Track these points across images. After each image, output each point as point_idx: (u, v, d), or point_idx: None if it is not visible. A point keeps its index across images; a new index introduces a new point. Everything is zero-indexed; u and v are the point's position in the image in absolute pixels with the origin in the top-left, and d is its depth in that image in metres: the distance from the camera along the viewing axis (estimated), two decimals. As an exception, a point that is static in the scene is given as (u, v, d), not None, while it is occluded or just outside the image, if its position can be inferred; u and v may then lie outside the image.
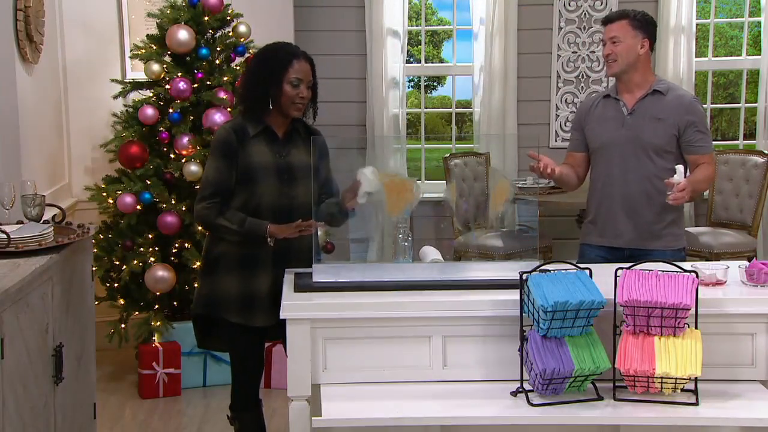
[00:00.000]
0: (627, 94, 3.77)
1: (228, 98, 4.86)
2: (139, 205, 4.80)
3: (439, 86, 10.32)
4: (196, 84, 4.89)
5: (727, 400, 2.72)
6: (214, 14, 4.97)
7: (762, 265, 2.98)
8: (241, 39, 5.04)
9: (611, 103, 3.81)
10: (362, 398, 2.77)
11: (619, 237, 3.75)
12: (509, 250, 5.57)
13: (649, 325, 2.72)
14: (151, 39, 4.99)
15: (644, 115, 3.72)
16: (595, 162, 3.85)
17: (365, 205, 3.36)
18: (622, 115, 3.75)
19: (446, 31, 7.81)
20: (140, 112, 4.86)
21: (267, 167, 3.35)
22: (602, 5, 6.36)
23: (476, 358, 2.87)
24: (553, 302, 2.65)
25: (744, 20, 6.61)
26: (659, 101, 3.73)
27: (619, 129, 3.74)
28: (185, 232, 4.83)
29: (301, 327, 2.83)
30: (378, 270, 3.16)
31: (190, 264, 4.77)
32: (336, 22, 6.47)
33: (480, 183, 5.99)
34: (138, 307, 4.93)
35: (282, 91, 3.35)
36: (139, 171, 4.85)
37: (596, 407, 2.70)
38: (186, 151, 4.79)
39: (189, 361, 4.81)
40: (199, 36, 4.95)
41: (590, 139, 3.85)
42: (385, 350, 2.87)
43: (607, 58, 3.73)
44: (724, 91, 9.12)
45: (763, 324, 2.83)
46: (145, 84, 5.02)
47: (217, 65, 4.99)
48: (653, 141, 3.70)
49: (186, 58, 4.95)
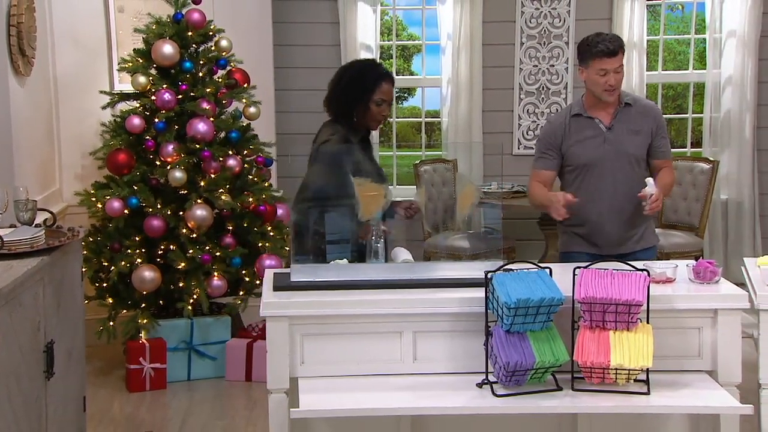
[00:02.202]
0: (600, 112, 3.71)
1: (210, 108, 4.84)
2: (127, 210, 4.77)
3: (410, 97, 10.33)
4: (180, 95, 4.86)
5: (677, 389, 2.74)
6: (197, 30, 4.95)
7: (707, 263, 3.01)
8: (222, 53, 5.03)
9: (585, 121, 3.72)
10: (337, 390, 2.76)
11: (609, 244, 3.70)
12: (475, 250, 5.58)
13: (604, 320, 2.73)
14: (138, 53, 4.96)
15: (622, 129, 3.68)
16: (578, 178, 3.75)
17: (342, 209, 3.37)
18: (601, 131, 3.69)
19: (416, 46, 7.83)
20: (127, 122, 4.83)
21: (369, 172, 3.49)
22: (561, 22, 6.41)
23: (444, 352, 2.88)
24: (516, 299, 2.66)
25: (690, 37, 6.68)
26: (631, 114, 3.70)
27: (601, 145, 3.68)
28: (170, 235, 4.81)
29: (280, 324, 2.83)
30: (353, 270, 3.16)
31: (175, 265, 4.75)
32: (312, 37, 6.47)
33: (448, 188, 6.00)
34: (126, 305, 4.89)
35: (368, 109, 3.54)
36: (127, 177, 4.81)
37: (556, 397, 2.71)
38: (171, 158, 4.77)
39: (174, 356, 4.78)
40: (183, 50, 4.92)
41: (572, 158, 3.74)
42: (359, 345, 2.87)
43: (611, 87, 3.63)
44: (672, 103, 9.21)
45: (708, 318, 2.86)
46: (132, 95, 4.98)
47: (200, 77, 4.96)
48: (635, 153, 3.68)
49: (171, 71, 4.93)
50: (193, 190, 4.79)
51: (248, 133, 5.10)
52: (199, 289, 4.75)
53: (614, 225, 3.71)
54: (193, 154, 4.81)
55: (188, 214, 4.73)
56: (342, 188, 3.33)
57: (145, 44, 4.95)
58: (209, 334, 4.87)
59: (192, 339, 4.84)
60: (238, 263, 4.84)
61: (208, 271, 4.78)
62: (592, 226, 3.75)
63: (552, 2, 6.39)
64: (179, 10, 4.94)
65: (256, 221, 4.97)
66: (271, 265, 4.71)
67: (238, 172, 4.91)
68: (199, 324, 4.85)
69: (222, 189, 4.81)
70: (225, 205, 4.78)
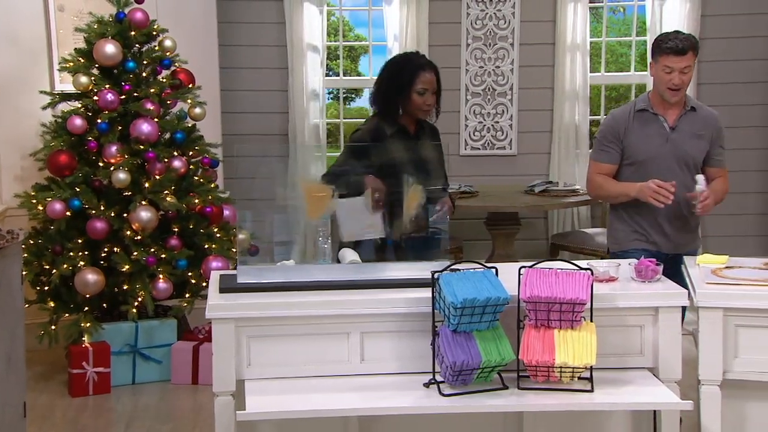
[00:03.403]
0: (666, 111, 3.66)
1: (154, 109, 4.79)
2: (69, 212, 4.69)
3: (357, 98, 10.34)
4: (123, 95, 4.80)
5: (619, 386, 2.78)
6: (140, 29, 4.89)
7: (648, 262, 3.06)
8: (166, 53, 4.97)
9: (650, 117, 3.68)
10: (284, 392, 2.75)
11: (666, 245, 3.67)
12: (422, 250, 5.59)
13: (549, 319, 2.77)
14: (79, 52, 4.88)
15: (685, 131, 3.65)
16: (635, 174, 3.70)
17: (288, 210, 3.37)
18: (664, 131, 3.65)
19: (363, 47, 7.83)
20: (69, 123, 4.75)
21: (404, 162, 3.58)
22: (506, 24, 6.46)
23: (392, 352, 2.89)
24: (462, 299, 2.68)
25: (632, 39, 6.79)
26: (695, 118, 3.68)
27: (663, 145, 3.65)
28: (114, 237, 4.74)
29: (226, 326, 2.81)
30: (299, 271, 3.15)
31: (119, 267, 4.68)
32: (258, 37, 6.43)
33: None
34: (68, 309, 4.81)
35: (411, 99, 3.63)
36: (68, 179, 4.73)
37: (502, 396, 2.73)
38: (114, 159, 4.71)
39: (118, 360, 4.71)
40: (126, 50, 4.86)
41: (632, 153, 3.70)
42: (306, 346, 2.87)
43: (676, 86, 3.58)
44: (615, 104, 9.34)
45: (650, 316, 2.91)
46: (73, 95, 4.90)
47: (143, 77, 4.90)
48: (695, 156, 3.67)
49: (113, 71, 4.86)
50: (137, 192, 4.73)
51: (194, 133, 5.07)
52: (144, 292, 4.69)
53: (668, 224, 3.67)
54: (137, 155, 4.75)
55: (132, 216, 4.67)
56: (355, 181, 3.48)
57: (87, 44, 4.88)
58: (154, 337, 4.81)
59: (137, 342, 4.77)
60: (183, 265, 4.80)
61: (153, 273, 4.72)
62: (647, 224, 3.70)
63: (497, 4, 6.45)
64: (121, 9, 4.88)
65: (202, 223, 4.93)
66: (218, 267, 4.67)
67: (183, 173, 4.87)
68: (144, 327, 4.78)
69: (167, 190, 4.76)
70: (170, 207, 4.73)
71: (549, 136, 6.53)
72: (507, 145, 6.56)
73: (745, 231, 6.47)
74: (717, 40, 6.40)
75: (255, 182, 3.57)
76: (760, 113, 6.48)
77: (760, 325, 2.91)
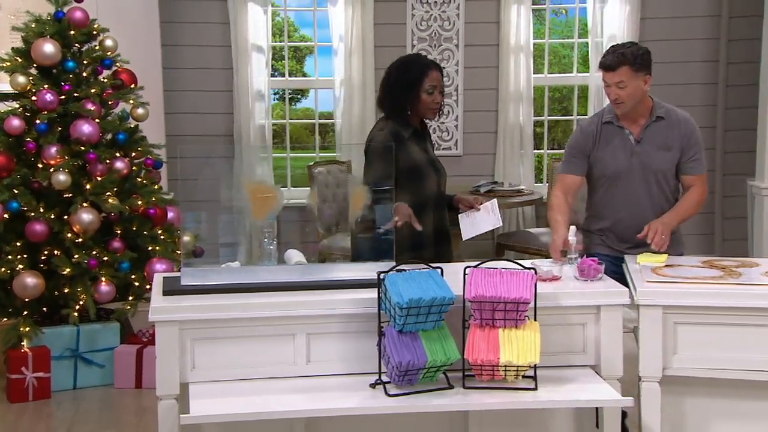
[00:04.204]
0: (631, 123, 3.57)
1: (95, 109, 4.72)
2: (7, 214, 4.59)
3: (303, 99, 10.29)
4: (63, 96, 4.73)
5: (563, 384, 2.82)
6: (79, 28, 4.82)
7: (591, 261, 3.11)
8: (107, 53, 4.91)
9: (615, 130, 3.59)
10: (229, 395, 2.73)
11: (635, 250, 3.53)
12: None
13: (493, 318, 2.79)
14: (17, 52, 4.79)
15: (651, 143, 3.55)
16: (602, 185, 3.65)
17: (233, 211, 3.34)
18: (629, 143, 3.55)
19: (308, 47, 7.80)
20: (6, 123, 4.66)
21: (424, 163, 3.67)
22: (450, 25, 6.51)
23: (338, 353, 2.88)
24: (408, 299, 2.68)
25: (574, 41, 6.89)
26: (663, 128, 3.57)
27: (629, 158, 3.55)
28: (54, 240, 4.66)
29: (169, 329, 2.78)
30: (244, 273, 3.13)
31: (60, 270, 4.60)
32: (202, 37, 6.37)
33: (343, 189, 6.00)
34: (6, 313, 4.71)
35: (419, 99, 3.62)
36: (6, 180, 4.63)
37: (447, 395, 2.75)
38: (54, 160, 4.63)
39: (59, 364, 4.62)
40: (65, 49, 4.78)
41: (599, 166, 3.62)
42: (252, 348, 2.85)
43: (614, 101, 3.49)
44: (558, 105, 9.46)
45: (592, 315, 2.95)
46: (10, 96, 4.81)
47: (84, 78, 4.83)
48: (662, 168, 3.57)
49: (52, 71, 4.79)
50: (78, 194, 4.66)
51: (136, 134, 5.01)
52: (86, 295, 4.62)
53: (635, 233, 3.51)
54: (77, 156, 4.68)
55: (73, 218, 4.59)
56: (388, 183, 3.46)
57: (24, 43, 4.80)
58: (97, 341, 4.73)
59: (78, 346, 4.69)
60: (126, 268, 4.74)
61: (95, 276, 4.66)
62: (617, 235, 3.63)
63: (441, 6, 6.49)
64: (60, 8, 4.82)
65: (145, 224, 4.87)
66: (162, 270, 4.62)
67: (126, 174, 4.81)
68: (86, 331, 4.70)
69: (109, 192, 4.70)
70: (112, 209, 4.67)
71: (494, 136, 6.60)
72: (453, 146, 6.61)
73: (686, 230, 6.58)
74: (656, 42, 6.51)
75: (199, 183, 3.53)
76: (699, 114, 6.60)
77: (698, 322, 2.97)
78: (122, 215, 4.76)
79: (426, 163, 3.70)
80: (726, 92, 6.55)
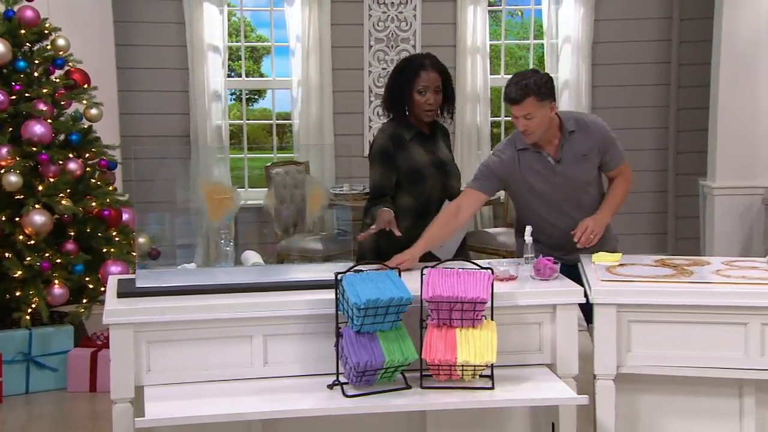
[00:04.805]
0: (546, 145, 3.53)
1: (48, 110, 4.65)
2: (-44, 216, 4.51)
3: (260, 99, 10.26)
4: (14, 96, 4.65)
5: (519, 383, 2.84)
6: (30, 28, 4.75)
7: (547, 261, 3.14)
8: (59, 52, 4.84)
9: (533, 156, 3.53)
10: (185, 397, 2.71)
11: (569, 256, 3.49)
12: (328, 252, 5.60)
13: (451, 318, 2.80)
14: (-34, 51, 4.71)
15: (571, 159, 3.52)
16: (530, 202, 3.59)
17: (189, 212, 3.32)
18: (550, 165, 3.52)
19: (265, 48, 7.77)
20: (-45, 124, 4.57)
21: (427, 166, 3.61)
22: (407, 26, 6.52)
23: (295, 354, 2.87)
24: (365, 300, 2.68)
25: (530, 42, 6.95)
26: (577, 140, 3.54)
27: (552, 179, 3.52)
28: (5, 242, 4.58)
29: (124, 331, 2.75)
30: (201, 274, 3.11)
31: (11, 273, 4.53)
32: (157, 37, 6.31)
33: (300, 190, 5.98)
34: (-44, 317, 4.62)
35: (413, 100, 3.58)
36: (-45, 182, 4.55)
37: (405, 395, 2.75)
38: (5, 161, 4.55)
39: (11, 368, 4.54)
40: (16, 49, 4.72)
41: (524, 190, 3.57)
42: (208, 350, 2.83)
43: (524, 132, 3.45)
44: (515, 106, 9.55)
45: (548, 314, 2.98)
46: (-40, 95, 4.71)
47: (35, 77, 4.76)
48: (586, 178, 3.57)
49: (3, 71, 4.71)
50: (30, 195, 4.58)
51: (90, 135, 4.95)
52: (39, 298, 4.55)
53: (569, 240, 3.49)
54: (29, 157, 4.61)
55: (25, 220, 4.52)
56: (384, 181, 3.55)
57: (-26, 42, 4.70)
58: (50, 344, 4.66)
59: (30, 350, 4.61)
60: (80, 270, 4.68)
61: (47, 278, 4.59)
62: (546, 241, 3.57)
63: (398, 6, 6.50)
64: (10, 7, 4.76)
65: (100, 226, 4.82)
66: (118, 272, 4.56)
67: (79, 175, 4.75)
68: (39, 334, 4.63)
69: (62, 193, 4.63)
70: (65, 210, 4.60)
71: (452, 137, 6.60)
72: (410, 147, 6.62)
73: (639, 229, 6.71)
74: (610, 44, 6.63)
75: (155, 185, 3.50)
76: (652, 115, 6.74)
77: (651, 320, 3.01)
78: (76, 217, 4.70)
79: (429, 165, 3.63)
80: (678, 93, 6.66)
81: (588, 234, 3.42)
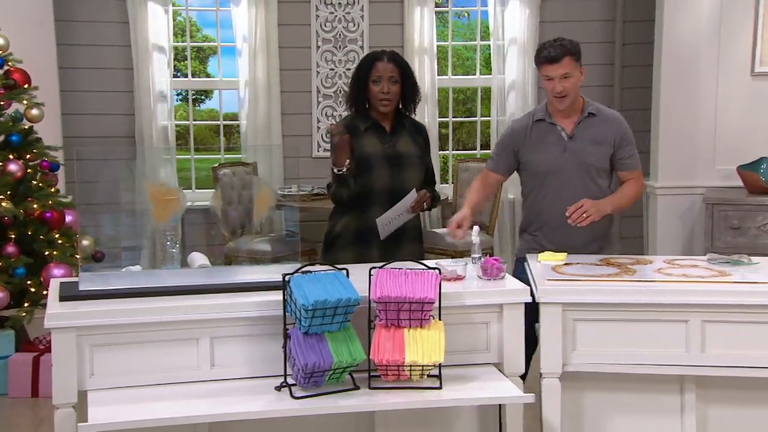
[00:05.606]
0: (564, 119, 3.61)
1: (-12, 109, 4.56)
2: None
3: (207, 99, 10.18)
4: (-50, 95, 4.55)
5: (467, 382, 2.85)
6: (-32, 26, 4.65)
7: (494, 261, 3.16)
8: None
9: (547, 127, 3.62)
10: (130, 402, 2.67)
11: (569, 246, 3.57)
12: (277, 253, 5.57)
13: (399, 319, 2.80)
14: None
15: (584, 139, 3.59)
16: (537, 183, 3.66)
17: (135, 214, 3.28)
18: (562, 140, 3.58)
19: (211, 48, 7.70)
20: None
21: (377, 156, 3.66)
22: (355, 27, 6.52)
23: (243, 356, 2.85)
24: (313, 301, 2.67)
25: (476, 43, 7.00)
26: (594, 124, 3.61)
27: (561, 154, 3.58)
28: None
29: (66, 335, 2.70)
30: (146, 276, 3.06)
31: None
32: (100, 36, 6.22)
33: (248, 191, 5.93)
34: None
35: (369, 90, 3.66)
36: None
37: (353, 396, 2.75)
38: (-57, 162, 4.44)
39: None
40: (-48, 47, 4.62)
41: (531, 164, 3.65)
42: (154, 354, 2.79)
43: (559, 94, 3.53)
44: (463, 106, 9.61)
45: (495, 313, 3.00)
46: None
47: (-27, 77, 4.66)
48: (595, 164, 3.60)
49: (-62, 70, 4.61)
50: (-32, 197, 4.49)
51: (31, 136, 4.86)
52: (-22, 303, 4.45)
53: (573, 233, 3.59)
54: (-30, 157, 4.51)
55: (-36, 223, 4.42)
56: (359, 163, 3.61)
57: None
58: (-10, 349, 4.57)
59: (-30, 356, 4.51)
60: (22, 273, 4.59)
61: (-13, 282, 4.49)
62: (551, 233, 3.65)
63: (346, 7, 6.50)
64: (-52, 4, 4.62)
65: (42, 229, 4.74)
66: (61, 275, 4.48)
67: (20, 177, 4.67)
68: (-21, 340, 4.53)
69: (2, 195, 4.55)
70: (6, 213, 4.52)
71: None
72: (358, 147, 6.62)
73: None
74: (556, 47, 6.70)
75: (99, 186, 3.44)
76: (596, 117, 6.82)
77: (596, 319, 3.05)
78: (17, 219, 4.62)
79: (380, 156, 3.68)
80: (622, 94, 6.76)
81: (581, 212, 3.47)
